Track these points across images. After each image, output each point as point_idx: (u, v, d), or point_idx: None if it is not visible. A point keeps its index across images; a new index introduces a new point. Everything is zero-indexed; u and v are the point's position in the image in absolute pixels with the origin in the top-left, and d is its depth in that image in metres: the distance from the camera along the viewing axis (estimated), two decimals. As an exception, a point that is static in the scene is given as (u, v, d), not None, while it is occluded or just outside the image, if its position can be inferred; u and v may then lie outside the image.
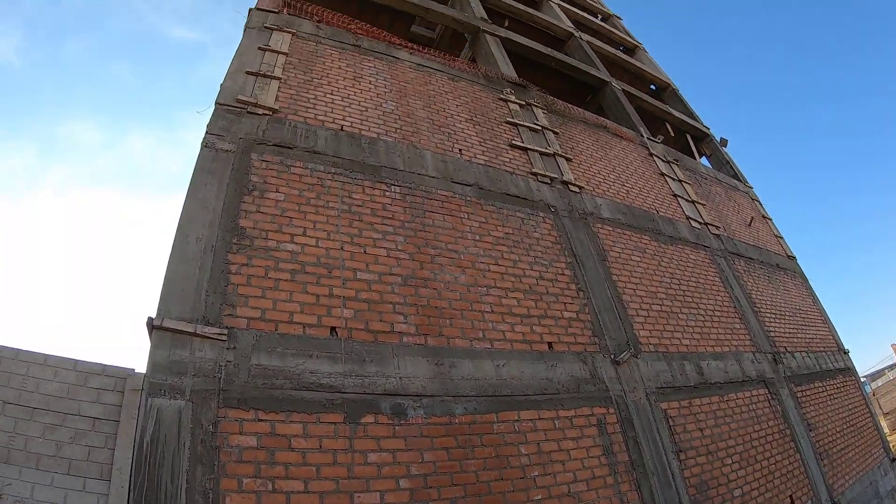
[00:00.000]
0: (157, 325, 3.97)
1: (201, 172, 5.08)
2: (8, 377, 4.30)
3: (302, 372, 4.22)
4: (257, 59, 6.66)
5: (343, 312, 4.74)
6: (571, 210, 7.52)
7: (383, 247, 5.42)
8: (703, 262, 9.06)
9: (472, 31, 11.73)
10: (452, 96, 8.19)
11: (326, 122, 6.39)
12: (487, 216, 6.51)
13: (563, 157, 8.44)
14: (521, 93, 9.47)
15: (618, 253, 7.53)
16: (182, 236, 4.57)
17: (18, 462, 3.99)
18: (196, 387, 3.82)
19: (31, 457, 4.02)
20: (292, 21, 7.71)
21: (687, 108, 16.15)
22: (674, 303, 7.67)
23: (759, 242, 11.55)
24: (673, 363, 6.70)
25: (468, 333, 5.26)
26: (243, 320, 4.31)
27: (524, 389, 5.18)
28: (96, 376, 4.49)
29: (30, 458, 4.01)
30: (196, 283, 4.33)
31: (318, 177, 5.65)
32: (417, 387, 4.62)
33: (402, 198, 5.99)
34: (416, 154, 6.63)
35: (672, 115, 15.02)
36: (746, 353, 8.08)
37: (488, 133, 7.91)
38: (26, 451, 4.02)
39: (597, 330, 6.28)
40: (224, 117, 5.68)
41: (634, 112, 12.70)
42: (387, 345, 4.74)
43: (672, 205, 9.86)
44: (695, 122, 15.61)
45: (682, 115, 15.36)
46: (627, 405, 5.80)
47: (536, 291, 6.13)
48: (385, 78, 7.66)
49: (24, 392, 4.26)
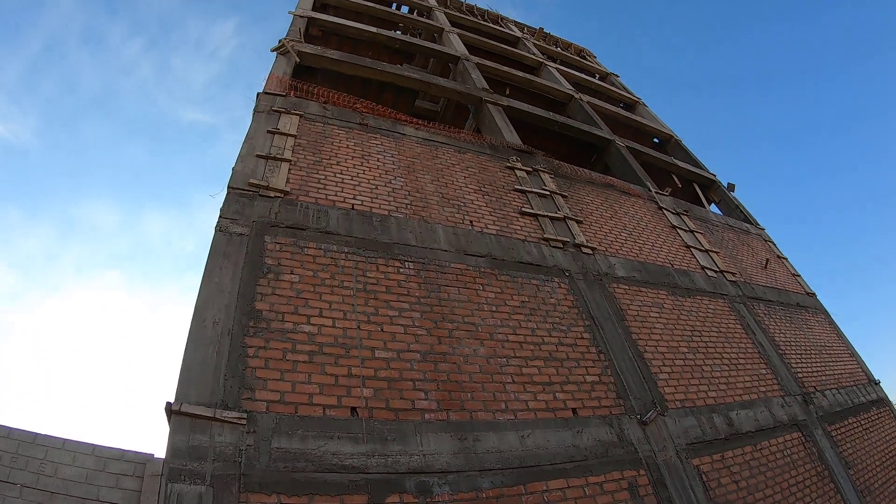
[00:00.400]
0: (176, 409, 3.98)
1: (216, 256, 5.18)
2: (26, 461, 4.32)
3: (324, 454, 4.19)
4: (267, 142, 6.87)
5: (363, 392, 4.74)
6: (586, 272, 7.55)
7: (400, 324, 5.44)
8: (722, 310, 8.98)
9: (475, 101, 12.04)
10: (460, 168, 8.36)
11: (337, 201, 6.52)
12: (502, 286, 6.54)
13: (573, 220, 8.52)
14: (527, 159, 9.64)
15: (636, 311, 7.51)
16: (199, 320, 4.62)
17: (36, 547, 3.97)
18: (216, 471, 3.79)
19: (50, 542, 4.00)
20: (299, 103, 7.98)
21: (691, 158, 16.29)
22: (697, 355, 7.58)
23: (776, 283, 11.45)
24: (701, 417, 6.57)
25: (490, 406, 5.22)
26: (262, 403, 4.32)
27: (551, 458, 5.10)
28: (115, 461, 4.50)
29: (49, 544, 3.99)
30: (214, 367, 4.36)
31: (331, 257, 5.74)
32: (442, 463, 4.56)
33: (416, 273, 6.06)
34: (428, 229, 6.73)
35: (677, 165, 15.14)
36: (775, 397, 7.92)
37: (498, 202, 8.02)
38: (45, 536, 4.01)
39: (621, 391, 6.21)
40: (237, 201, 5.82)
41: (640, 167, 12.83)
42: (409, 422, 4.70)
43: (686, 256, 9.85)
44: (700, 170, 15.71)
45: (687, 165, 15.49)
46: (658, 465, 5.67)
47: (557, 358, 6.10)
48: (392, 154, 7.85)
49: (42, 476, 4.28)
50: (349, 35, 13.68)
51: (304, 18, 12.56)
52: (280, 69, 9.32)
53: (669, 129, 17.56)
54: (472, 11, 21.11)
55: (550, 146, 12.40)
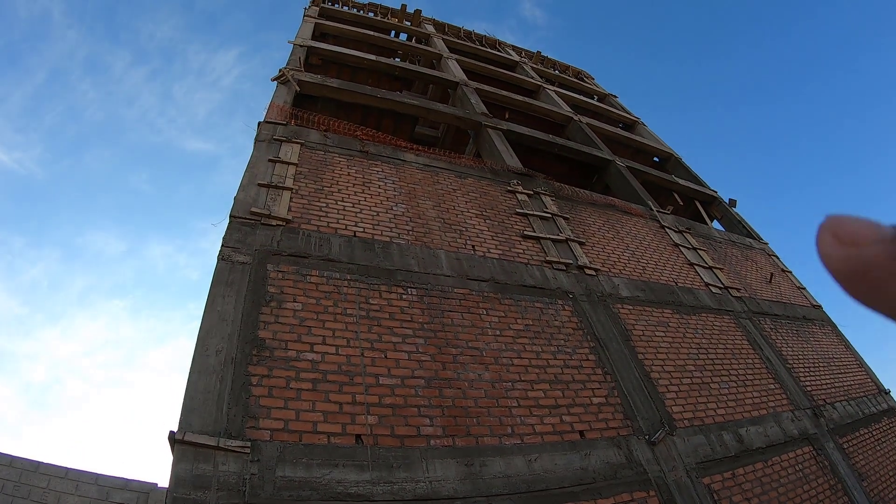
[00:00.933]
0: (180, 438, 3.97)
1: (219, 285, 5.20)
2: (28, 489, 4.31)
3: (329, 482, 4.17)
4: (268, 170, 6.93)
5: (367, 419, 4.72)
6: (590, 294, 7.55)
7: (404, 350, 5.44)
8: (728, 327, 8.95)
9: (475, 126, 12.14)
10: (461, 193, 8.40)
11: (339, 229, 6.56)
12: (506, 310, 6.54)
13: (575, 242, 8.54)
14: (528, 182, 9.69)
15: (641, 331, 7.49)
16: (202, 349, 4.63)
17: (38, 576, 3.94)
18: (220, 501, 3.77)
19: (52, 572, 3.98)
20: (300, 132, 8.06)
21: (692, 175, 16.33)
22: (704, 373, 7.54)
23: (782, 297, 11.42)
24: (710, 435, 6.53)
25: (496, 430, 5.19)
26: (266, 432, 4.30)
27: (559, 482, 5.05)
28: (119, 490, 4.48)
29: (50, 573, 3.97)
30: (217, 395, 4.36)
31: (334, 284, 5.76)
32: (448, 489, 4.53)
33: (419, 299, 6.07)
34: (430, 254, 6.76)
35: (678, 184, 15.18)
36: (785, 412, 7.86)
37: (500, 226, 8.05)
38: (46, 567, 3.98)
39: (628, 412, 6.17)
40: (239, 230, 5.86)
41: (640, 186, 12.86)
42: (414, 449, 4.68)
43: (690, 274, 9.84)
44: (701, 187, 15.75)
45: (688, 183, 15.52)
46: (668, 485, 5.61)
47: (562, 380, 6.08)
48: (393, 181, 7.90)
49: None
50: (349, 63, 13.85)
51: (303, 48, 12.73)
52: (280, 98, 9.42)
53: (669, 148, 17.63)
54: (469, 37, 21.35)
55: (551, 168, 12.48)
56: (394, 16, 20.16)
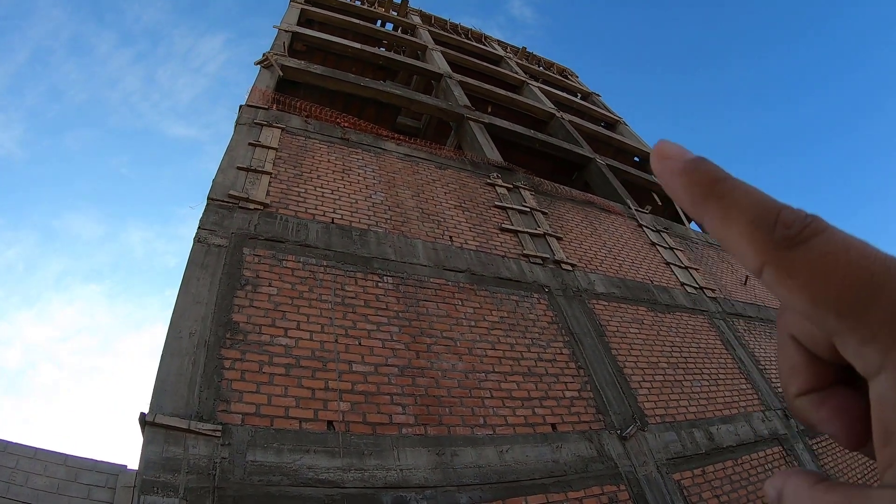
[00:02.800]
0: (150, 420, 3.91)
1: (194, 267, 5.15)
2: None
3: (299, 468, 4.15)
4: (248, 154, 6.86)
5: (340, 406, 4.70)
6: (565, 288, 7.57)
7: (378, 338, 5.42)
8: (702, 326, 9.04)
9: (457, 118, 12.13)
10: (440, 184, 8.38)
11: (317, 215, 6.51)
12: (481, 301, 6.54)
13: (553, 237, 8.56)
14: (507, 176, 9.69)
15: (615, 327, 7.53)
16: (175, 331, 4.58)
17: (4, 559, 3.88)
18: (190, 484, 3.73)
19: (19, 553, 3.92)
20: (281, 117, 7.98)
21: (673, 177, 16.40)
22: (677, 371, 7.61)
23: (756, 299, 11.55)
24: (682, 432, 6.59)
25: (469, 421, 5.20)
26: (238, 416, 4.27)
27: (530, 474, 5.07)
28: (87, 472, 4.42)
29: (17, 556, 3.91)
30: (189, 378, 4.31)
31: (310, 270, 5.71)
32: (419, 478, 4.52)
33: (395, 288, 6.05)
34: (407, 244, 6.73)
35: (657, 184, 15.24)
36: (756, 412, 7.96)
37: (478, 218, 8.05)
38: (13, 548, 3.92)
39: (600, 407, 6.21)
40: (216, 212, 5.80)
41: (620, 185, 12.95)
42: (386, 437, 4.66)
43: (666, 273, 9.92)
44: (681, 189, 15.83)
45: (668, 184, 15.59)
46: (639, 480, 5.66)
47: (536, 373, 6.09)
48: (373, 169, 7.86)
49: (12, 485, 4.19)
50: (333, 50, 13.76)
51: (288, 33, 12.61)
52: (263, 82, 9.33)
53: (650, 148, 17.63)
54: (455, 30, 21.30)
55: (531, 163, 12.51)
56: (381, 5, 20.04)
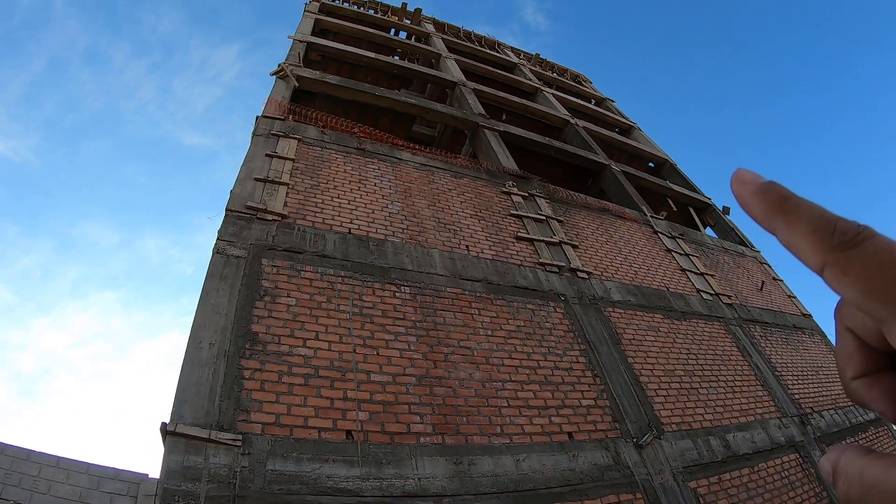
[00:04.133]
0: (171, 430, 3.98)
1: (213, 278, 5.22)
2: (20, 478, 4.31)
3: (318, 477, 4.20)
4: (265, 165, 6.93)
5: (358, 415, 4.75)
6: (581, 297, 7.59)
7: (396, 347, 5.47)
8: (718, 333, 9.00)
9: (472, 127, 12.17)
10: (456, 193, 8.43)
11: (334, 225, 6.58)
12: (498, 310, 6.58)
13: (569, 245, 8.58)
14: (523, 184, 9.72)
15: (631, 335, 7.53)
16: (195, 342, 4.65)
17: (28, 564, 3.95)
18: (211, 493, 3.79)
19: (42, 560, 3.99)
20: (297, 127, 8.06)
21: (687, 182, 16.40)
22: (693, 378, 7.59)
23: (772, 305, 11.49)
24: (698, 440, 6.57)
25: (486, 430, 5.23)
26: (258, 425, 4.32)
27: (546, 482, 5.09)
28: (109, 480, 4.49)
29: (39, 562, 3.98)
30: (209, 388, 4.37)
31: (328, 280, 5.78)
32: (437, 487, 4.56)
33: (412, 298, 6.10)
34: (424, 253, 6.79)
35: (672, 189, 15.25)
36: (772, 419, 7.91)
37: (494, 227, 8.08)
38: (35, 555, 3.99)
39: (616, 415, 6.21)
40: (234, 223, 5.87)
41: (635, 191, 12.92)
42: (404, 446, 4.71)
43: (681, 280, 9.89)
44: (695, 194, 15.82)
45: (682, 189, 15.59)
46: (655, 489, 5.65)
47: (552, 382, 6.12)
48: (389, 179, 7.92)
49: (35, 493, 4.26)
50: (348, 60, 13.86)
51: (303, 43, 12.72)
52: (279, 93, 9.43)
53: (665, 154, 17.70)
54: (469, 37, 21.38)
55: (546, 170, 12.53)
56: (394, 14, 20.18)
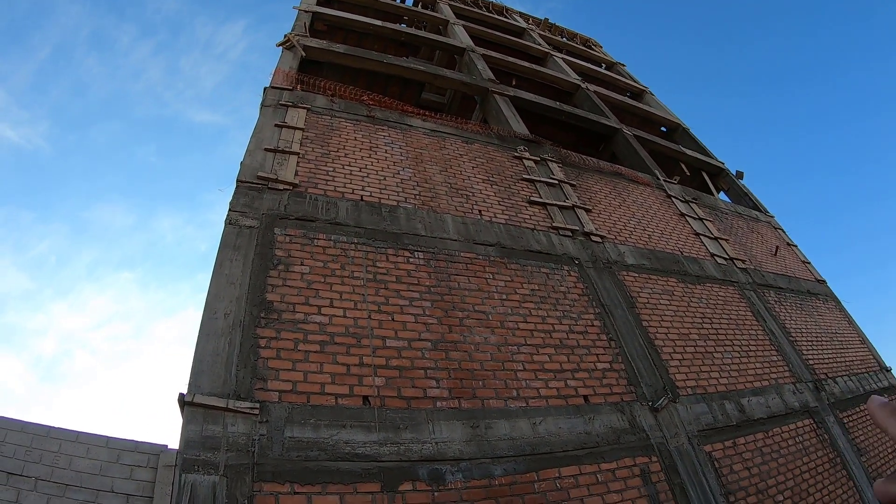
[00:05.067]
0: (189, 401, 4.02)
1: (226, 249, 5.21)
2: (40, 454, 4.35)
3: (336, 442, 4.22)
4: (275, 135, 6.89)
5: (375, 381, 4.76)
6: (595, 260, 7.54)
7: (411, 313, 5.46)
8: (732, 297, 8.94)
9: (481, 92, 12.03)
10: (468, 158, 8.35)
11: (346, 193, 6.54)
12: (512, 274, 6.55)
13: (582, 209, 8.51)
14: (535, 149, 9.62)
15: (646, 298, 7.49)
16: (210, 312, 4.66)
17: (51, 539, 4.00)
18: (230, 461, 3.83)
19: (64, 533, 4.03)
20: (306, 97, 7.99)
21: (699, 146, 16.21)
22: (707, 342, 7.55)
23: (787, 271, 11.39)
24: (713, 404, 6.56)
25: (502, 393, 5.23)
26: (275, 393, 4.35)
27: (563, 445, 5.10)
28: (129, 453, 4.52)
29: (62, 535, 4.02)
30: (226, 358, 4.40)
31: (341, 248, 5.76)
32: (454, 451, 4.58)
33: (425, 263, 6.07)
34: (437, 219, 6.74)
35: (685, 154, 15.06)
36: (787, 384, 7.88)
37: (506, 192, 8.02)
38: (59, 529, 4.04)
39: (632, 378, 6.20)
40: (246, 194, 5.85)
41: (648, 155, 12.77)
42: (421, 410, 4.72)
43: (695, 244, 9.81)
44: (708, 158, 15.63)
45: (695, 154, 15.41)
46: (670, 452, 5.66)
47: (567, 345, 6.11)
48: (400, 146, 7.85)
49: (56, 469, 4.30)
50: (354, 28, 13.68)
51: (308, 13, 12.56)
52: (286, 64, 9.33)
53: (677, 118, 17.48)
54: (476, 3, 21.04)
55: (558, 136, 12.38)
56: (400, -20, 19.87)
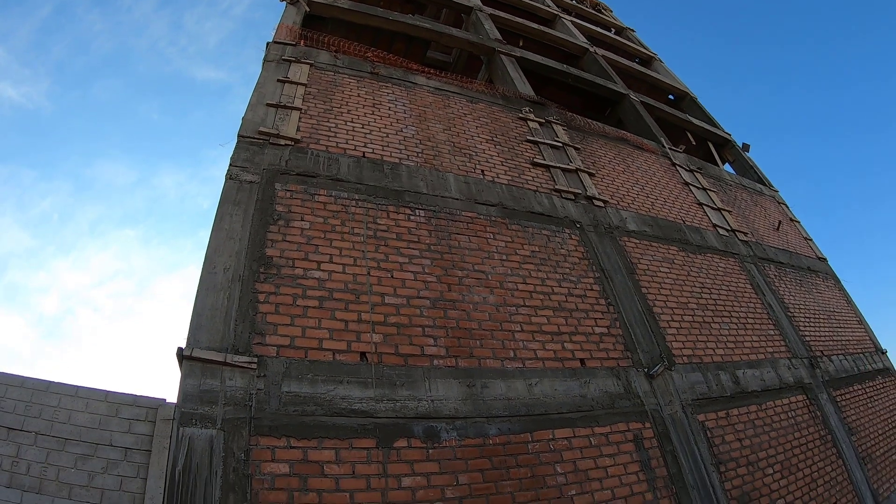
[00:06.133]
0: (188, 355, 4.03)
1: (226, 204, 5.17)
2: (40, 409, 4.38)
3: (333, 398, 4.24)
4: (277, 91, 6.78)
5: (372, 337, 4.76)
6: (597, 225, 7.49)
7: (410, 270, 5.43)
8: (732, 269, 8.92)
9: (488, 52, 11.83)
10: (472, 118, 8.24)
11: (348, 149, 6.46)
12: (513, 235, 6.50)
13: (585, 173, 8.42)
14: (540, 111, 9.49)
15: (646, 265, 7.46)
16: (209, 267, 4.64)
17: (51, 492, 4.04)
18: (227, 415, 3.86)
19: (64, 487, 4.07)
20: (309, 52, 7.85)
21: (706, 116, 16.03)
22: (705, 312, 7.55)
23: (788, 246, 11.35)
24: (708, 374, 6.58)
25: (499, 353, 5.24)
26: (273, 348, 4.35)
27: (558, 407, 5.13)
28: (127, 407, 4.56)
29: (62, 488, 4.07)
30: (225, 312, 4.39)
31: (342, 204, 5.71)
32: (450, 409, 4.60)
33: (426, 221, 6.03)
34: (439, 177, 6.67)
35: (692, 123, 14.90)
36: (782, 359, 7.89)
37: (509, 152, 7.93)
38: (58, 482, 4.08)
39: (629, 344, 6.21)
40: (247, 149, 5.78)
41: (654, 123, 12.61)
42: (417, 368, 4.73)
43: (698, 214, 9.75)
44: (715, 129, 15.47)
45: (702, 123, 15.24)
46: (664, 419, 5.69)
47: (566, 308, 6.09)
48: (404, 103, 7.74)
49: (55, 423, 4.33)
50: (360, -17, 13.39)
51: (314, -34, 12.27)
52: (290, 18, 9.14)
53: (685, 86, 17.26)
54: (485, -39, 20.59)
55: (563, 99, 12.21)
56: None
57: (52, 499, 4.01)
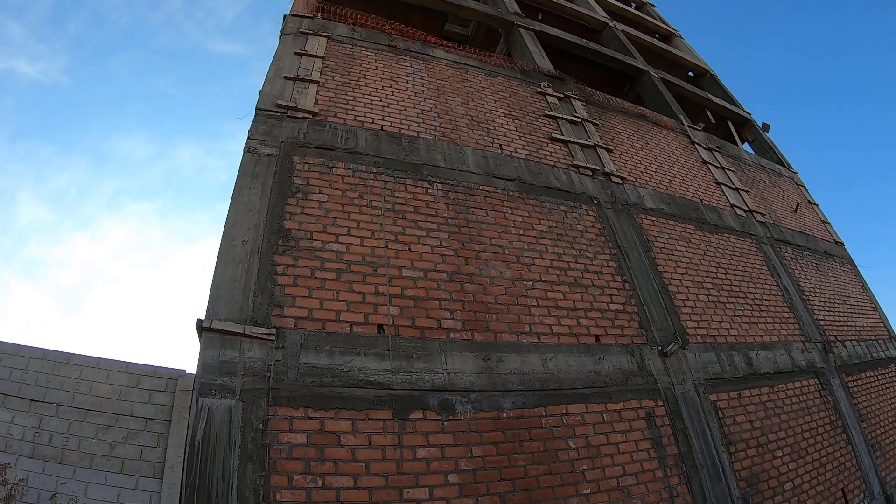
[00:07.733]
0: (207, 326, 4.08)
1: (245, 177, 5.19)
2: (61, 380, 4.44)
3: (350, 369, 4.29)
4: (294, 63, 6.75)
5: (390, 310, 4.79)
6: (614, 201, 7.45)
7: (428, 244, 5.45)
8: (749, 250, 8.86)
9: (506, 25, 11.69)
10: (490, 92, 8.17)
11: (366, 122, 6.44)
12: (530, 210, 6.49)
13: (603, 149, 8.36)
14: (558, 85, 9.39)
15: (662, 243, 7.42)
16: (228, 240, 4.68)
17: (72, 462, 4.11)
18: (246, 386, 3.92)
19: (85, 457, 4.14)
20: (327, 25, 7.78)
21: (727, 94, 15.80)
22: (721, 292, 7.52)
23: (805, 229, 11.24)
24: (721, 354, 6.57)
25: (515, 328, 5.26)
26: (291, 320, 4.40)
27: (572, 383, 5.16)
28: (148, 378, 4.60)
29: (83, 458, 4.13)
30: (243, 284, 4.44)
31: (360, 177, 5.70)
32: (465, 382, 4.64)
33: (444, 194, 6.02)
34: (457, 151, 6.64)
35: (711, 101, 14.70)
36: (796, 342, 7.86)
37: (528, 127, 7.87)
38: (80, 452, 4.15)
39: (643, 322, 6.21)
40: (265, 122, 5.77)
41: (673, 100, 12.46)
42: (434, 341, 4.76)
43: (716, 193, 9.67)
44: (735, 107, 15.26)
45: (722, 102, 15.03)
46: (676, 397, 5.71)
47: (582, 284, 6.09)
48: (422, 77, 7.68)
49: (77, 394, 4.39)
50: (378, -47, 13.22)
51: (331, -64, 12.13)
52: (307, -10, 9.05)
53: (705, 64, 17.00)
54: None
55: (582, 74, 12.08)
56: None
57: (73, 468, 4.08)
